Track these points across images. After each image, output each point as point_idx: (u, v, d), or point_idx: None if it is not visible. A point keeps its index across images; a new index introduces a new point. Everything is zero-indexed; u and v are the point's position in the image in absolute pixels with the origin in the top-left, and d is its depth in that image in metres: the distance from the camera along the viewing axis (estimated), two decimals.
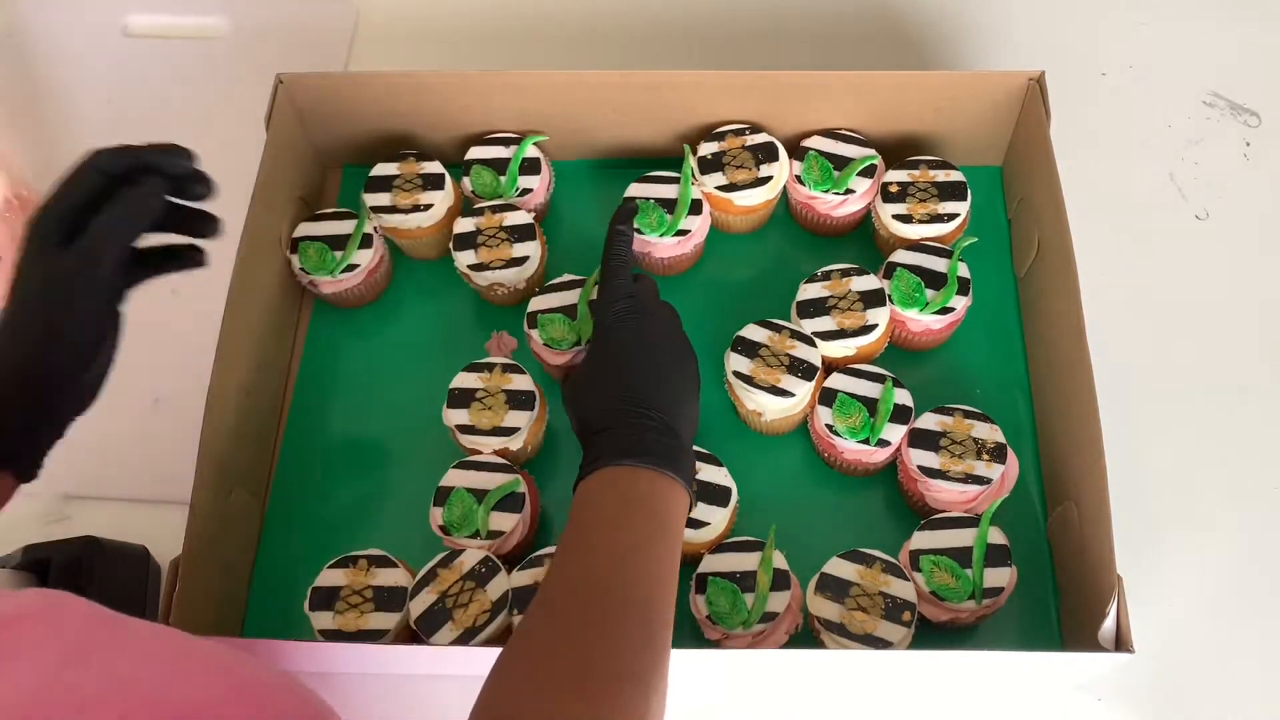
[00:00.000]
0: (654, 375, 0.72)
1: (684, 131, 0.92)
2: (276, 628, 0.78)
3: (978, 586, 0.72)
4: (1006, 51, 1.02)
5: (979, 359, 0.87)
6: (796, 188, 0.89)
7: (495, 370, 0.81)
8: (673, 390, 0.72)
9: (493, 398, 0.80)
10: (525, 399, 0.80)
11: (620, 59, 1.04)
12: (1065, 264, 0.78)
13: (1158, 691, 0.75)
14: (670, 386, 0.72)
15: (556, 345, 0.83)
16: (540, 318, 0.84)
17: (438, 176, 0.90)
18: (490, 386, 0.80)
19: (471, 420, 0.79)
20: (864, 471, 0.81)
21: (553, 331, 0.83)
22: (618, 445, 0.67)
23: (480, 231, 0.87)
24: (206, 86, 1.04)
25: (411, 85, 0.90)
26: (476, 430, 0.79)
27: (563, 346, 0.83)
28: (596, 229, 0.93)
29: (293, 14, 1.08)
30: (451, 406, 0.80)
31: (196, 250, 0.70)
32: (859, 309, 0.82)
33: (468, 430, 0.79)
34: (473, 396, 0.80)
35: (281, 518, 0.83)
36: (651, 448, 0.67)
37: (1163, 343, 0.87)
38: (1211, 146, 0.97)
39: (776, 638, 0.72)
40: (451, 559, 0.74)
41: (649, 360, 0.73)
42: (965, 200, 0.86)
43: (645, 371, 0.72)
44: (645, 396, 0.70)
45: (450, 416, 0.80)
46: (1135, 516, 0.77)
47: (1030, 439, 0.83)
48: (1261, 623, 0.78)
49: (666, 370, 0.73)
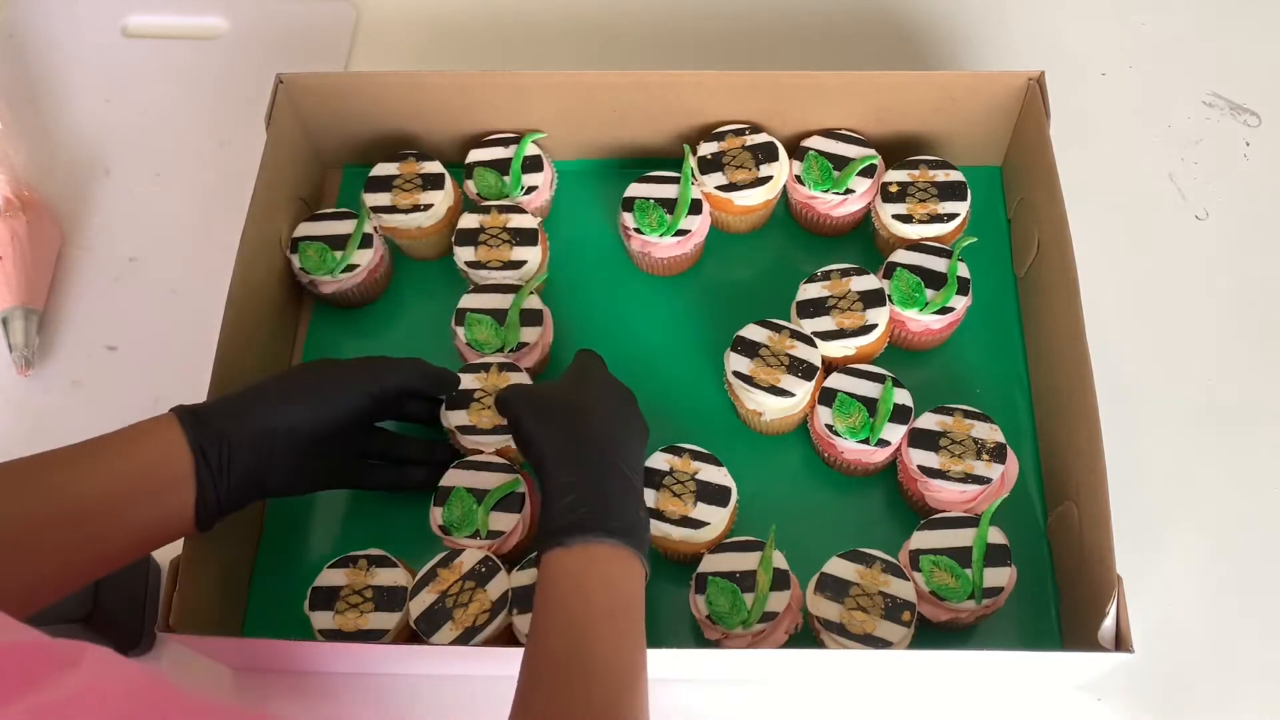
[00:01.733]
0: (624, 428, 0.73)
1: (684, 131, 0.92)
2: (276, 628, 0.78)
3: (978, 586, 0.72)
4: (1006, 51, 1.02)
5: (979, 359, 0.87)
6: (796, 188, 0.89)
7: (492, 370, 0.81)
8: (639, 447, 0.74)
9: (491, 397, 0.80)
10: None
11: (620, 59, 1.04)
12: (1065, 264, 0.78)
13: (1158, 691, 0.75)
14: (638, 443, 0.74)
15: (479, 347, 0.83)
16: (469, 316, 0.84)
17: (438, 176, 0.90)
18: (488, 386, 0.80)
19: (471, 420, 0.79)
20: (864, 471, 0.81)
21: (478, 333, 0.83)
22: (597, 518, 0.65)
23: (483, 229, 0.87)
24: (206, 86, 1.04)
25: (411, 85, 0.90)
26: (477, 430, 0.79)
27: (485, 350, 0.83)
28: (596, 229, 0.94)
29: (293, 14, 1.08)
30: (451, 408, 0.80)
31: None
32: (859, 309, 0.82)
33: (468, 430, 0.79)
34: (471, 397, 0.80)
35: (281, 518, 0.83)
36: (633, 526, 0.66)
37: (1162, 342, 0.87)
38: (1211, 146, 0.97)
39: (776, 638, 0.72)
40: (451, 559, 0.74)
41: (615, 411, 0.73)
42: (965, 200, 0.86)
43: (618, 424, 0.72)
44: (619, 452, 0.70)
45: (450, 418, 0.80)
46: (1135, 516, 0.77)
47: (1030, 439, 0.83)
48: (1261, 622, 0.78)
49: (634, 425, 0.74)
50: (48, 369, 0.90)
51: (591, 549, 0.64)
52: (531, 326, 0.84)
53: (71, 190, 0.99)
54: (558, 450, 0.68)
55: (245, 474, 0.68)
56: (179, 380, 0.76)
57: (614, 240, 0.92)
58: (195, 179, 0.99)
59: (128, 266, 0.96)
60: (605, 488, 0.67)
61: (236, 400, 0.70)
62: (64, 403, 0.89)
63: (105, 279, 0.95)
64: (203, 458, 0.66)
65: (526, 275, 0.87)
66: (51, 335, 0.92)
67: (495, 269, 0.86)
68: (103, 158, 1.01)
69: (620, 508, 0.66)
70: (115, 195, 0.99)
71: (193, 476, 0.65)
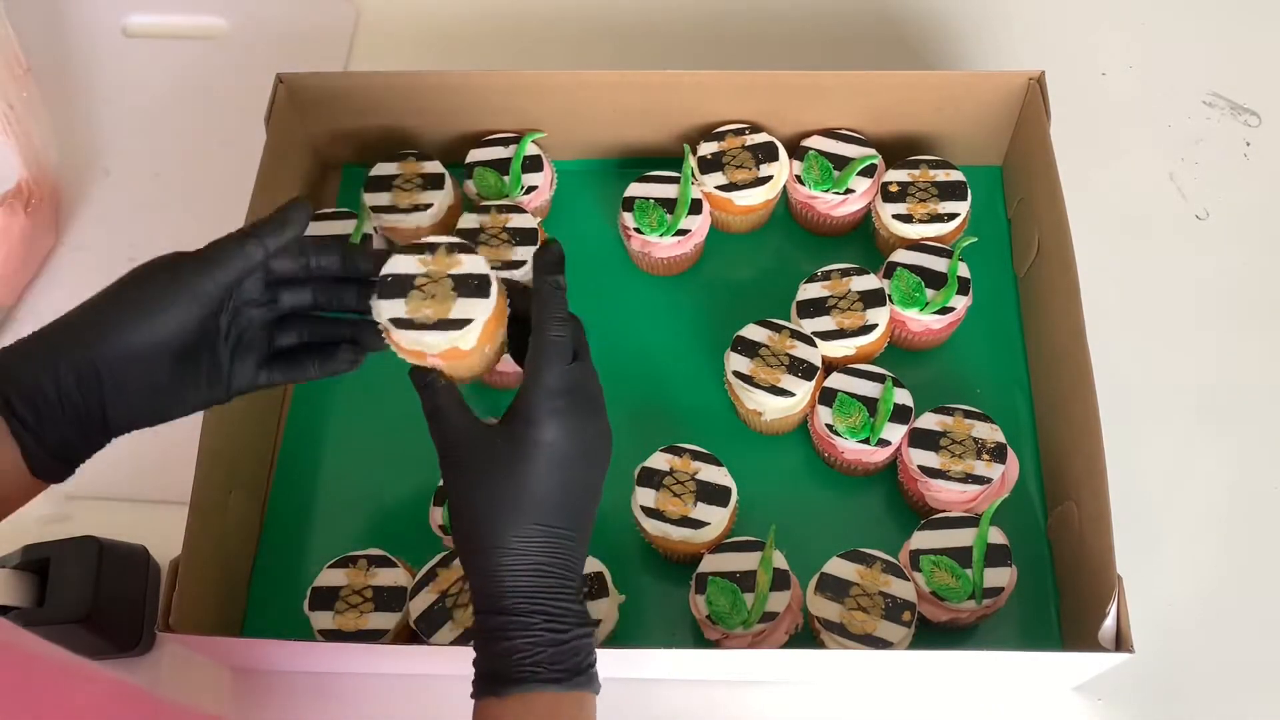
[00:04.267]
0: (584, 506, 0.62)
1: (684, 131, 0.92)
2: (276, 628, 0.78)
3: (978, 586, 0.72)
4: (1006, 51, 1.02)
5: (979, 359, 0.87)
6: (796, 187, 0.89)
7: (439, 251, 0.76)
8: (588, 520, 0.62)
9: (437, 285, 0.73)
10: None
11: (620, 59, 1.04)
12: (1065, 264, 0.78)
13: (1158, 691, 0.75)
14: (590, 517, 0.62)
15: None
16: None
17: (437, 176, 0.90)
18: (434, 271, 0.73)
19: (409, 313, 0.73)
20: (864, 471, 0.81)
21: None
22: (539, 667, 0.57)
23: (483, 229, 0.87)
24: (206, 86, 1.04)
25: (411, 85, 0.90)
26: (416, 325, 0.72)
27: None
28: (596, 229, 0.93)
29: (293, 14, 1.08)
30: (384, 296, 0.68)
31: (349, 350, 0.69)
32: (859, 309, 0.82)
33: (404, 325, 0.72)
34: (410, 284, 0.71)
35: (281, 518, 0.83)
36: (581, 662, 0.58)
37: (1162, 342, 0.87)
38: (1211, 146, 0.97)
39: (776, 638, 0.72)
40: (451, 559, 0.74)
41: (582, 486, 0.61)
42: (965, 200, 0.86)
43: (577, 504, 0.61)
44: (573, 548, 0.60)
45: (381, 309, 0.67)
46: (1135, 516, 0.77)
47: (1030, 439, 0.83)
48: (1261, 622, 0.78)
49: (595, 491, 0.63)
50: None
51: (530, 699, 0.57)
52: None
53: (71, 190, 0.98)
54: (488, 555, 0.58)
55: (75, 416, 0.59)
56: None
57: (614, 240, 0.92)
58: (195, 179, 0.99)
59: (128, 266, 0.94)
60: (547, 626, 0.58)
61: (41, 337, 0.60)
62: None
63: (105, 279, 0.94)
64: (10, 411, 0.57)
65: (527, 275, 0.86)
66: None
67: (495, 269, 0.86)
68: (103, 158, 1.01)
69: (566, 643, 0.58)
70: (115, 195, 0.99)
71: (8, 434, 0.58)
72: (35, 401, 0.58)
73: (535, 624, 0.58)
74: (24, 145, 0.93)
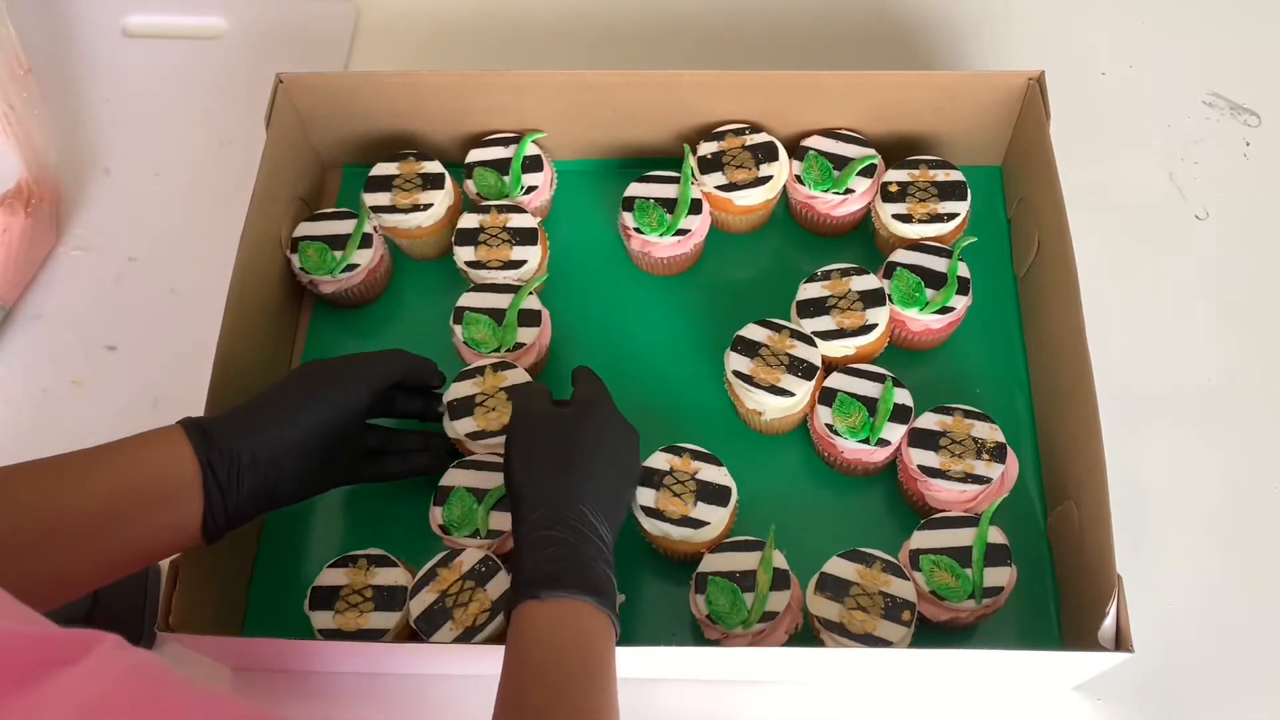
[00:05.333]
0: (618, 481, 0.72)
1: (684, 131, 0.92)
2: (276, 628, 0.78)
3: (977, 586, 0.72)
4: (1006, 51, 1.03)
5: (979, 359, 0.87)
6: (796, 187, 0.89)
7: (487, 372, 0.81)
8: (627, 498, 0.74)
9: (494, 399, 0.80)
10: None
11: (620, 59, 1.04)
12: (1065, 264, 0.78)
13: (1158, 691, 0.75)
14: (627, 495, 0.74)
15: (476, 346, 0.83)
16: (467, 315, 0.83)
17: (437, 176, 0.90)
18: (487, 389, 0.80)
19: (480, 425, 0.79)
20: (864, 471, 0.81)
21: (476, 332, 0.83)
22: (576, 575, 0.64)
23: (483, 229, 0.87)
24: (206, 86, 1.04)
25: (411, 85, 0.90)
26: (487, 434, 0.79)
27: (482, 349, 0.82)
28: (596, 229, 0.94)
29: (293, 14, 1.08)
30: (455, 418, 0.79)
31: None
32: (859, 308, 0.82)
33: (478, 436, 0.79)
34: (473, 403, 0.80)
35: (281, 518, 0.83)
36: (608, 589, 0.65)
37: (1162, 342, 0.87)
38: (1211, 146, 0.97)
39: (776, 637, 0.72)
40: (451, 558, 0.74)
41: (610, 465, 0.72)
42: (965, 200, 0.86)
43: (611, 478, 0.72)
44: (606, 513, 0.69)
45: (456, 428, 0.79)
46: (1135, 516, 0.77)
47: (1030, 439, 0.83)
48: (1261, 622, 0.78)
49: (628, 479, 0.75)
50: (48, 369, 0.90)
51: (567, 604, 0.63)
52: (529, 327, 0.84)
53: (71, 190, 0.98)
54: (542, 500, 0.67)
55: (254, 489, 0.68)
56: (179, 380, 0.76)
57: (614, 240, 0.92)
58: (195, 179, 0.99)
59: (128, 266, 0.96)
60: (584, 550, 0.65)
61: (243, 415, 0.69)
62: (64, 402, 0.89)
63: (105, 279, 0.95)
64: (211, 472, 0.65)
65: (526, 275, 0.87)
66: (51, 335, 0.92)
67: (495, 269, 0.86)
68: (103, 158, 1.01)
69: (596, 569, 0.65)
70: (115, 195, 0.99)
71: (200, 490, 0.65)
72: (230, 471, 0.66)
73: (590, 539, 0.66)
74: (24, 145, 0.93)
